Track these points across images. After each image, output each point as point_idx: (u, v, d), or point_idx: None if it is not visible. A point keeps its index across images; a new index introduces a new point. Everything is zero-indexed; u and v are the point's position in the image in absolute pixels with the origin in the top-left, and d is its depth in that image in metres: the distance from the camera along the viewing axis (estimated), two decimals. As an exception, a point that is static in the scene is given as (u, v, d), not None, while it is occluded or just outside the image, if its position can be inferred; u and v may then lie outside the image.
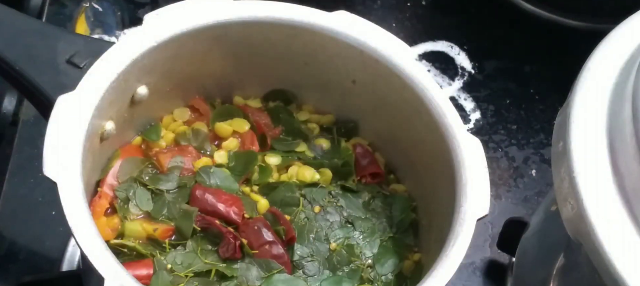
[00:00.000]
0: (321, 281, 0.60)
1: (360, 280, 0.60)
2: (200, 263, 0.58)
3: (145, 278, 0.57)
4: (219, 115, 0.65)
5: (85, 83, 0.56)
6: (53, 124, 0.55)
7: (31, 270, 0.72)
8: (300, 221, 0.62)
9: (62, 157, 0.53)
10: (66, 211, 0.52)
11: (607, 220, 0.50)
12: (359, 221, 0.63)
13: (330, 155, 0.65)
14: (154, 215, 0.60)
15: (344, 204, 0.63)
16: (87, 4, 0.88)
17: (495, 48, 0.91)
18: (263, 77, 0.66)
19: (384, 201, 0.64)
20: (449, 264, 0.54)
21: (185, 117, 0.65)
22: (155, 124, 0.64)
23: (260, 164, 0.64)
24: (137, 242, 0.59)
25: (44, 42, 0.60)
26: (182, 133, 0.64)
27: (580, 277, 0.59)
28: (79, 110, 0.55)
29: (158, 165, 0.62)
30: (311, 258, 0.60)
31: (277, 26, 0.62)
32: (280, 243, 0.59)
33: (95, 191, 0.60)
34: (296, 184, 0.63)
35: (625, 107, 0.52)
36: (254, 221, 0.60)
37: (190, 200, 0.60)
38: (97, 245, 0.51)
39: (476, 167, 0.58)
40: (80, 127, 0.55)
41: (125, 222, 0.59)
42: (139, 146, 0.64)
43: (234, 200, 0.61)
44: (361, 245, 0.62)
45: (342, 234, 0.62)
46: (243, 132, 0.65)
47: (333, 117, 0.67)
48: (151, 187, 0.61)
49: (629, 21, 0.58)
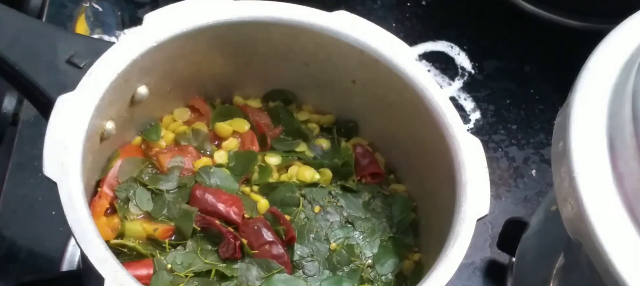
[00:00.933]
0: (321, 281, 0.60)
1: (360, 280, 0.60)
2: (200, 263, 0.58)
3: (145, 278, 0.57)
4: (219, 115, 0.65)
5: (85, 84, 0.56)
6: (53, 124, 0.55)
7: (31, 270, 0.72)
8: (300, 221, 0.62)
9: (62, 158, 0.53)
10: (66, 211, 0.52)
11: (607, 220, 0.50)
12: (359, 221, 0.63)
13: (330, 155, 0.65)
14: (154, 215, 0.60)
15: (344, 204, 0.63)
16: (87, 4, 0.88)
17: (495, 48, 0.91)
18: (263, 77, 0.66)
19: (384, 201, 0.64)
20: (449, 264, 0.54)
21: (186, 117, 0.65)
22: (155, 124, 0.64)
23: (260, 164, 0.64)
24: (137, 242, 0.59)
25: (44, 42, 0.60)
26: (182, 133, 0.64)
27: (580, 277, 0.59)
28: (78, 110, 0.55)
29: (158, 165, 0.62)
30: (311, 258, 0.60)
31: (277, 26, 0.62)
32: (280, 243, 0.59)
33: (95, 191, 0.60)
34: (296, 184, 0.63)
35: (625, 107, 0.52)
36: (254, 221, 0.60)
37: (191, 200, 0.60)
38: (97, 245, 0.51)
39: (476, 167, 0.58)
40: (80, 127, 0.55)
41: (125, 222, 0.59)
42: (139, 146, 0.64)
43: (234, 200, 0.61)
44: (361, 245, 0.62)
45: (342, 234, 0.62)
46: (243, 132, 0.65)
47: (333, 117, 0.67)
48: (151, 187, 0.61)
49: (629, 21, 0.58)
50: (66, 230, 0.52)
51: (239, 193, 0.62)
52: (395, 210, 0.64)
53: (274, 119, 0.66)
